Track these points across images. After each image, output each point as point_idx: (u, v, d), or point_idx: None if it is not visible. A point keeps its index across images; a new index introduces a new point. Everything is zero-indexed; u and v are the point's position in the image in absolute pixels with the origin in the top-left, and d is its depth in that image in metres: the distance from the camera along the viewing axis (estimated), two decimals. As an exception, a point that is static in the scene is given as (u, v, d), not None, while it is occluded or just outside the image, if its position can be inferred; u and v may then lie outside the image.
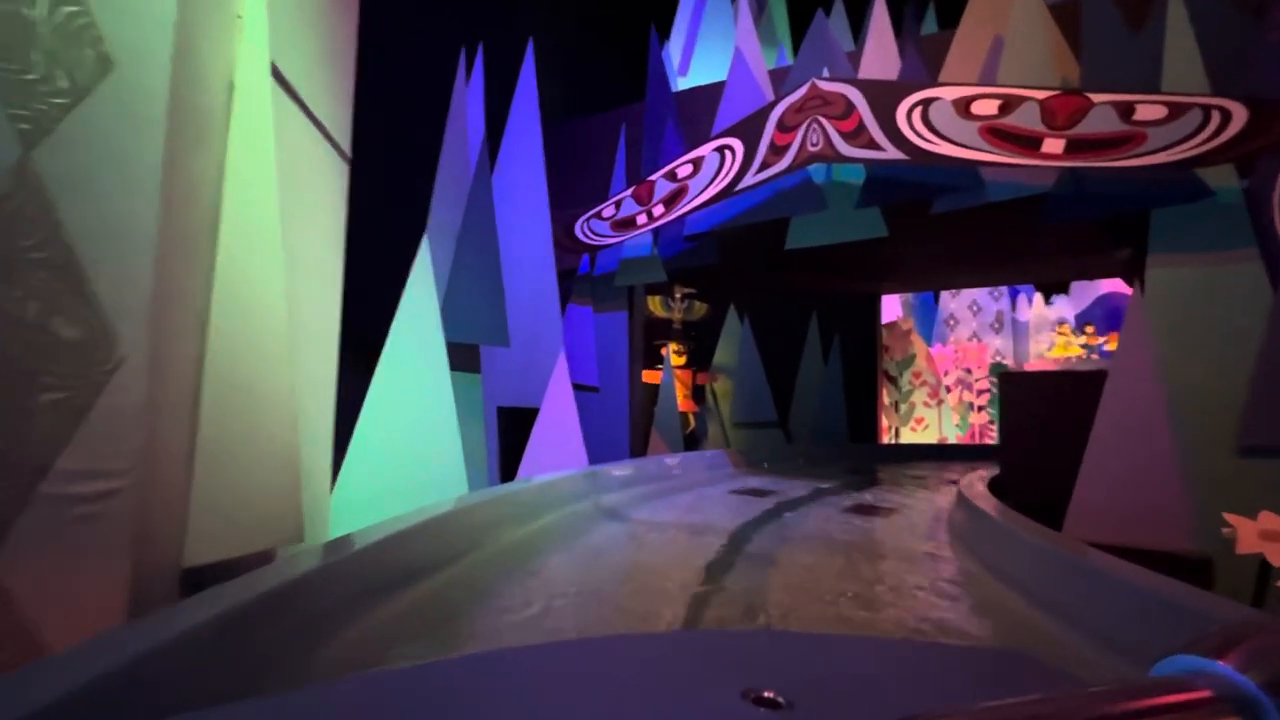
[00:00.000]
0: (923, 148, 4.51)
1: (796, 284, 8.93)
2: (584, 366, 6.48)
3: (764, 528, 3.93)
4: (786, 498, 5.15)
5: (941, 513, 4.62)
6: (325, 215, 3.40)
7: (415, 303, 3.83)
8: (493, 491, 3.62)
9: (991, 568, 2.77)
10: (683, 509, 4.50)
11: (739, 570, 2.92)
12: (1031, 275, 8.84)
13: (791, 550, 3.35)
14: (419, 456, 3.77)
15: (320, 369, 3.34)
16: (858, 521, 4.23)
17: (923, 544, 3.59)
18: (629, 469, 5.05)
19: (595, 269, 6.65)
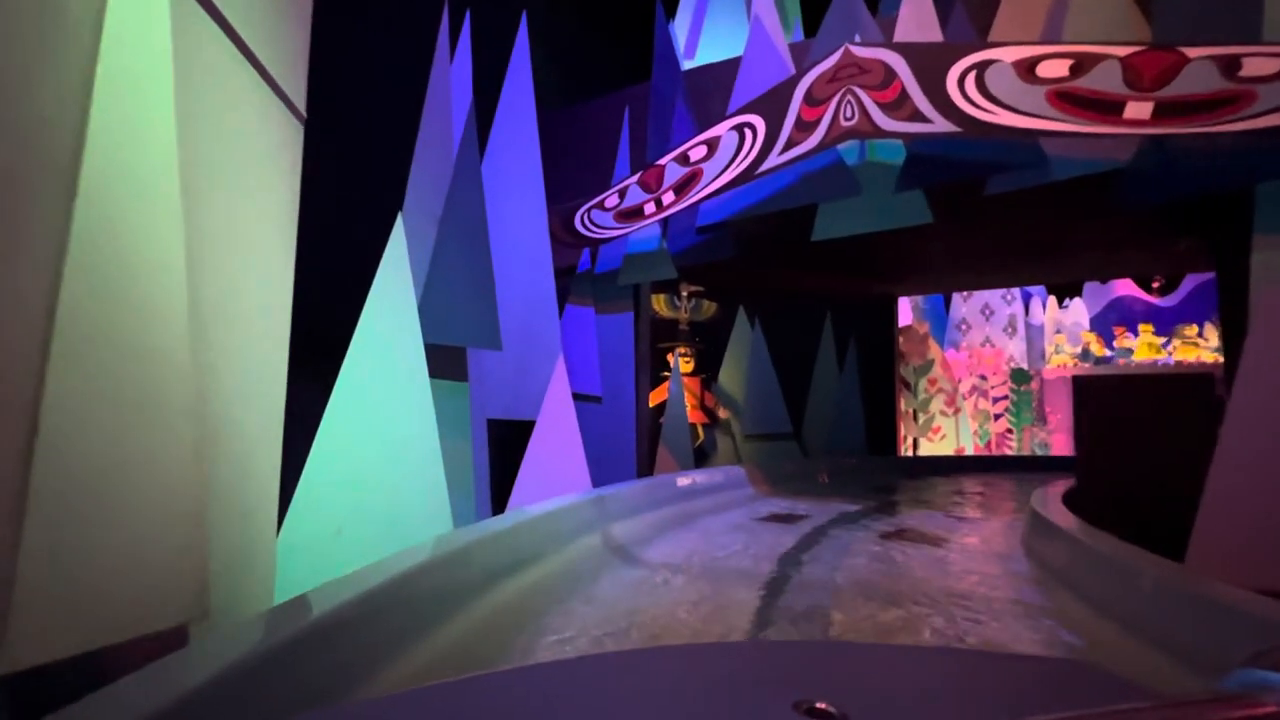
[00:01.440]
0: (979, 118, 3.90)
1: (811, 284, 8.32)
2: (585, 374, 5.82)
3: (803, 569, 3.26)
4: (817, 524, 4.50)
5: (1000, 543, 3.97)
6: (271, 183, 2.75)
7: (387, 295, 3.16)
8: (481, 530, 2.96)
9: (1133, 626, 2.13)
10: (704, 543, 3.84)
11: (787, 637, 2.26)
12: (1077, 271, 8.18)
13: (843, 602, 2.69)
14: (391, 485, 3.09)
15: (263, 377, 2.67)
16: (910, 556, 3.58)
17: (999, 587, 2.94)
18: (639, 492, 4.39)
19: (597, 266, 6.01)
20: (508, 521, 3.14)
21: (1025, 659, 1.77)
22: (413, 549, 2.65)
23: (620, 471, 5.57)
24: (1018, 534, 4.27)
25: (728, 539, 3.95)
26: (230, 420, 2.18)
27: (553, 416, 5.04)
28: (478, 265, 3.85)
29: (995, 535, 4.22)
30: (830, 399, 8.34)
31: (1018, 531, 4.35)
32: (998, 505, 5.61)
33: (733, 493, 5.57)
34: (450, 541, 2.73)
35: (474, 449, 4.19)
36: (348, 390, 3.03)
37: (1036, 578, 3.05)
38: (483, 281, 3.87)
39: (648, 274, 5.70)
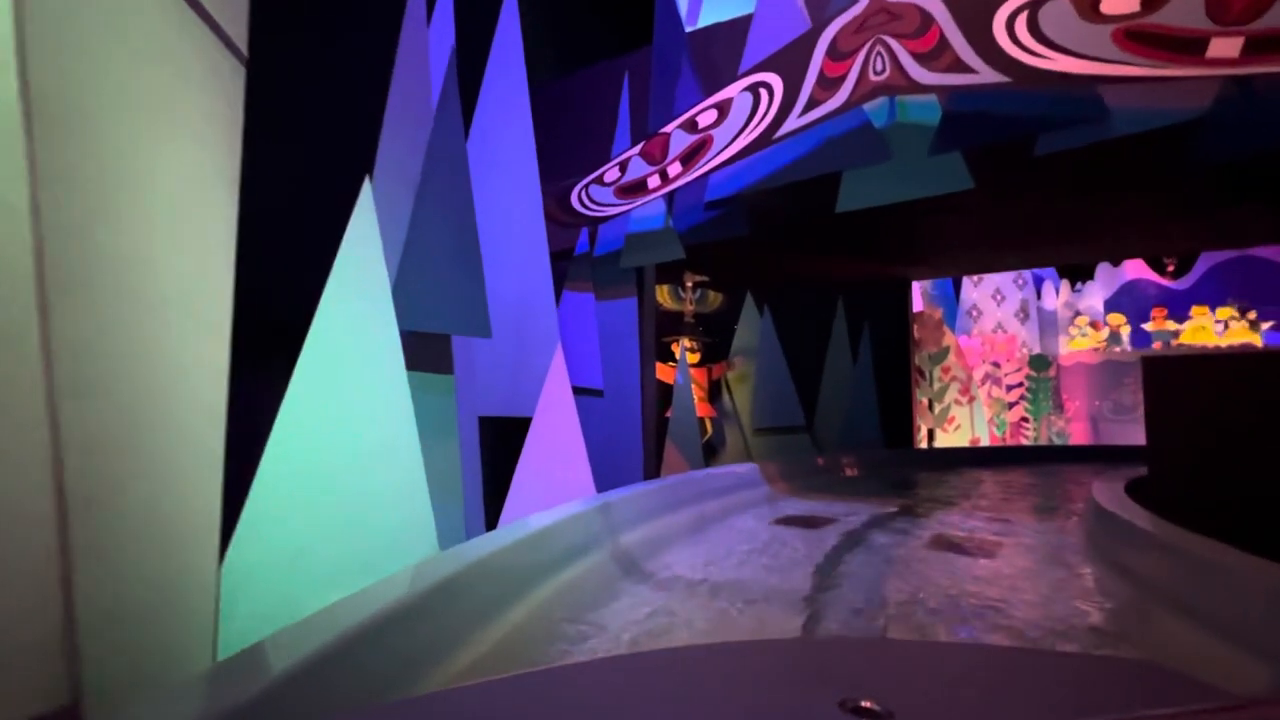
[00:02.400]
0: (1032, 65, 3.41)
1: (822, 267, 7.83)
2: (585, 365, 5.34)
3: (840, 586, 2.79)
4: (846, 529, 4.03)
5: (1053, 552, 3.51)
6: (203, 135, 2.25)
7: (354, 273, 2.67)
8: (472, 554, 2.48)
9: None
10: (724, 554, 3.37)
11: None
12: (1107, 249, 7.58)
13: (896, 633, 2.23)
14: (363, 497, 2.61)
15: (195, 370, 2.18)
16: (965, 570, 3.11)
17: (1070, 605, 2.47)
18: (649, 496, 3.92)
19: (596, 247, 5.51)
20: (503, 540, 2.66)
21: (1087, 658, 1.69)
22: (390, 581, 2.18)
23: (626, 471, 5.09)
24: (1074, 535, 3.82)
25: (750, 549, 3.49)
26: (139, 424, 1.69)
27: (551, 413, 4.56)
28: (462, 241, 3.36)
29: (1050, 538, 3.77)
30: (844, 389, 7.88)
31: (1073, 532, 3.91)
32: (1038, 502, 5.16)
33: (748, 493, 5.10)
34: (434, 570, 2.26)
35: (463, 451, 3.71)
36: (307, 386, 2.54)
37: (1126, 595, 2.59)
38: (468, 260, 3.37)
39: (652, 255, 5.21)
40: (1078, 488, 5.87)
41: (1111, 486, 3.81)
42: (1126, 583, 2.68)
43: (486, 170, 4.92)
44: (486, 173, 4.93)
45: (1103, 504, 3.23)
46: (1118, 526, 3.00)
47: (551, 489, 4.46)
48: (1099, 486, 3.70)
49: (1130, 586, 2.62)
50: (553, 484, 4.49)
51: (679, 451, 5.84)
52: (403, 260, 3.10)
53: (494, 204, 4.92)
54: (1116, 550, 2.96)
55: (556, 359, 4.64)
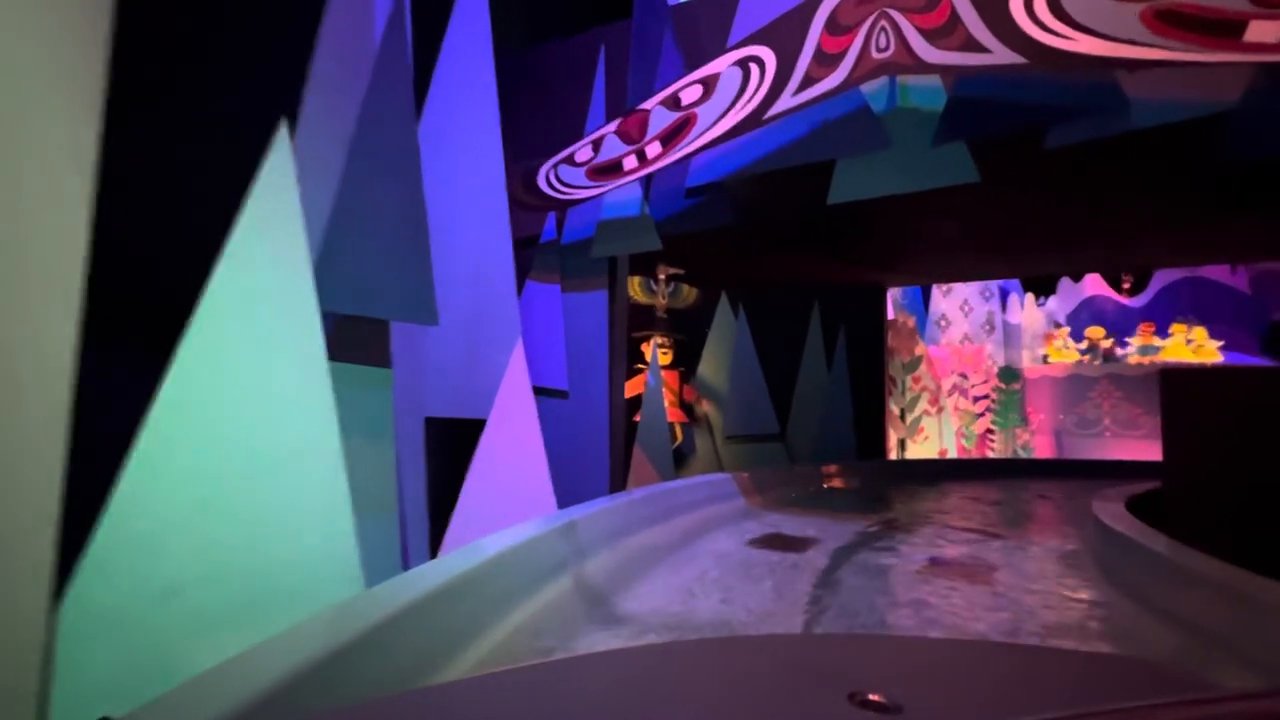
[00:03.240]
0: (1052, 46, 3.10)
1: (799, 268, 7.52)
2: (547, 363, 4.85)
3: (837, 622, 2.40)
4: (830, 550, 3.66)
5: (1063, 569, 3.20)
6: (45, 55, 1.73)
7: (261, 240, 2.14)
8: (405, 590, 1.98)
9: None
10: (703, 586, 2.93)
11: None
12: (1089, 260, 7.39)
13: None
14: (262, 520, 2.08)
15: (34, 351, 1.66)
16: (966, 602, 2.75)
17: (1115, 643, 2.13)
18: (616, 512, 3.46)
19: (564, 234, 5.03)
20: (445, 574, 2.16)
21: (1088, 654, 1.71)
22: (292, 633, 1.67)
23: (591, 481, 4.63)
24: (1072, 553, 3.53)
25: (728, 577, 3.07)
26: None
27: (508, 415, 4.06)
28: (406, 214, 2.85)
29: (1049, 559, 3.47)
30: (818, 397, 7.57)
31: (1071, 551, 3.62)
32: (1027, 517, 4.90)
33: (721, 507, 4.69)
34: (351, 618, 1.75)
35: (400, 458, 3.18)
36: (191, 377, 2.00)
37: (1147, 618, 2.26)
38: (413, 236, 2.86)
39: (626, 245, 4.76)
40: (1067, 501, 5.67)
41: (1114, 508, 3.52)
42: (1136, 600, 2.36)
43: (442, 143, 4.40)
44: (442, 145, 4.42)
45: (1112, 524, 2.93)
46: (1141, 555, 2.68)
47: (506, 503, 3.96)
48: (1103, 508, 3.42)
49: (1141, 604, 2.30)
50: (508, 497, 3.99)
51: (648, 460, 5.40)
52: (329, 230, 2.57)
53: (450, 180, 4.40)
54: (1141, 582, 2.64)
55: (516, 355, 4.15)
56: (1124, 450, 10.31)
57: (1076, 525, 4.33)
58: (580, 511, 3.34)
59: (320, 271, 2.40)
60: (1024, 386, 11.42)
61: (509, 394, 4.08)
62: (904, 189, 3.90)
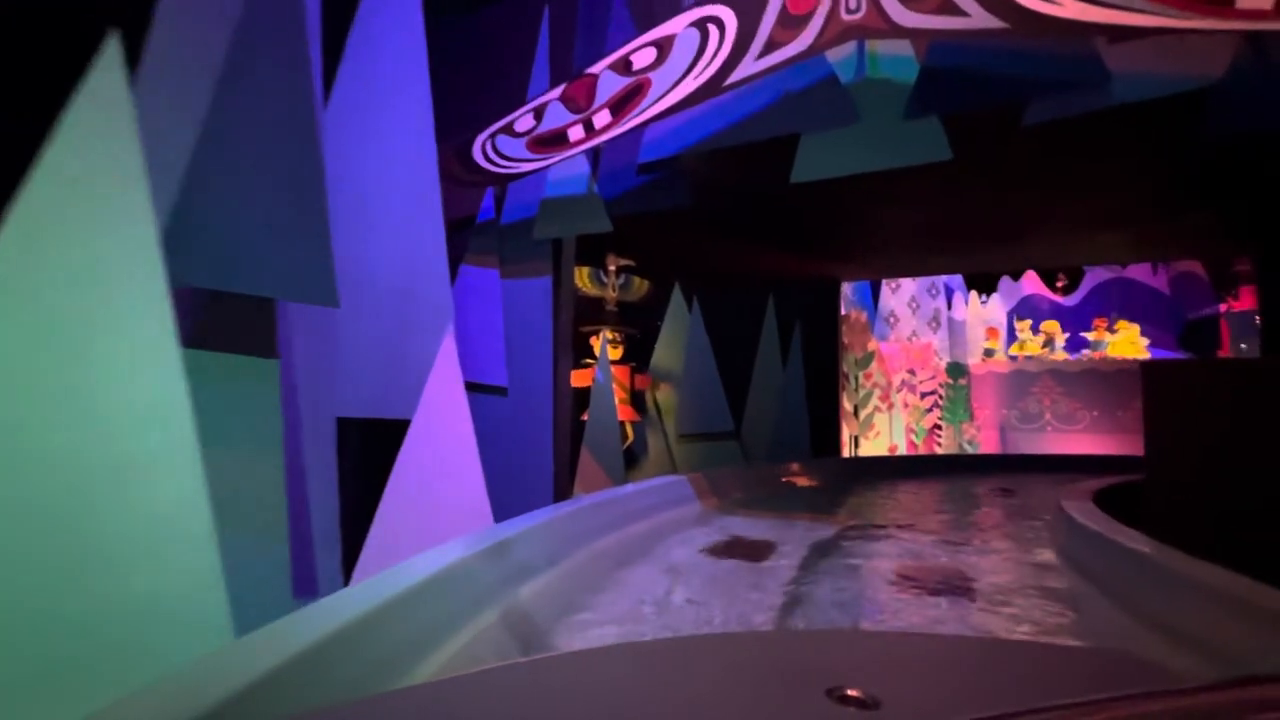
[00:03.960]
0: (1036, 10, 2.86)
1: (754, 259, 7.24)
2: (485, 356, 4.37)
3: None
4: (793, 559, 3.34)
5: (1034, 570, 2.97)
6: None
7: (76, 184, 1.62)
8: (292, 636, 1.50)
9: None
10: (656, 608, 2.55)
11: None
12: (1046, 255, 7.33)
13: None
14: (79, 551, 1.57)
15: None
16: (950, 615, 2.47)
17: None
18: (560, 525, 3.03)
19: (504, 213, 4.55)
20: (342, 613, 1.68)
21: (1064, 648, 1.72)
22: (122, 705, 1.18)
23: (533, 488, 4.17)
24: (1044, 556, 3.32)
25: (688, 597, 2.69)
26: None
27: (436, 415, 3.58)
28: (297, 169, 2.33)
29: (1017, 559, 3.26)
30: (773, 393, 7.32)
31: (1041, 553, 3.42)
32: (994, 516, 4.74)
33: (676, 512, 4.33)
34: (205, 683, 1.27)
35: (303, 467, 2.67)
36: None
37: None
38: (305, 196, 2.35)
39: (572, 225, 4.32)
40: (1029, 497, 5.57)
41: (1086, 507, 3.33)
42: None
43: (363, 109, 3.87)
44: (363, 112, 3.89)
45: (1086, 522, 2.72)
46: (1107, 547, 2.46)
47: (434, 517, 3.48)
48: (1077, 505, 3.23)
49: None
50: (437, 510, 3.51)
51: (597, 462, 4.99)
52: (187, 186, 2.04)
53: (373, 152, 3.88)
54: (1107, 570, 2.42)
55: (446, 346, 3.66)
56: (1064, 444, 10.55)
57: (1046, 525, 4.17)
58: (519, 525, 2.89)
59: (173, 237, 1.88)
60: (970, 382, 11.57)
61: (437, 390, 3.59)
62: (873, 166, 3.62)
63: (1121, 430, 10.63)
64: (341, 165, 3.83)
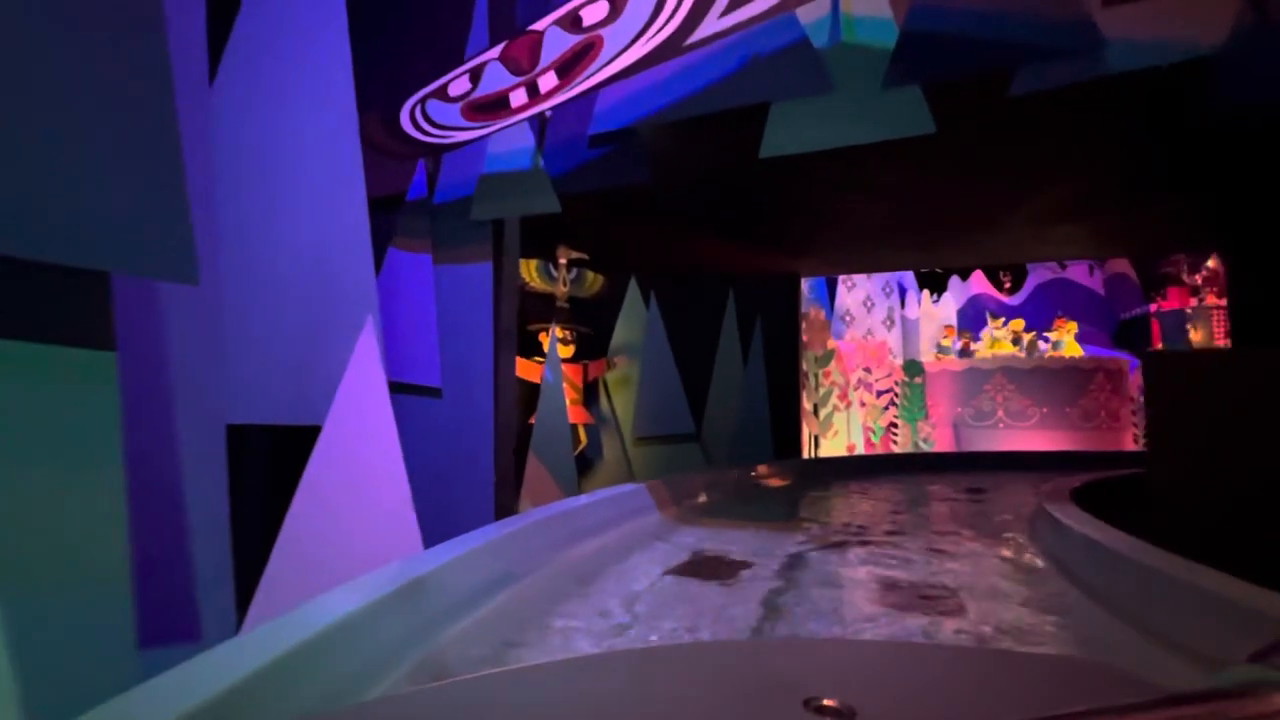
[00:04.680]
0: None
1: (713, 253, 6.90)
2: (415, 353, 3.85)
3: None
4: (765, 575, 2.98)
5: (1024, 580, 2.69)
6: None
7: None
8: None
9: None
10: (611, 646, 2.11)
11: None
12: (1008, 250, 7.16)
13: None
14: None
15: None
16: (939, 637, 2.12)
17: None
18: (496, 550, 2.56)
19: (437, 191, 4.03)
20: (198, 690, 1.18)
21: (1043, 658, 1.71)
22: None
23: (470, 504, 3.68)
24: (1033, 564, 3.06)
25: (648, 628, 2.27)
26: None
27: (352, 420, 3.06)
28: (140, 109, 1.80)
29: (1001, 566, 2.98)
30: (734, 392, 6.99)
31: (1025, 560, 3.16)
32: (973, 521, 4.49)
33: (633, 524, 3.90)
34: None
35: (144, 491, 2.10)
36: None
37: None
38: (153, 145, 1.81)
39: (515, 204, 3.85)
40: (1002, 497, 5.39)
41: (1070, 509, 3.08)
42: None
43: (265, 65, 3.33)
44: (266, 69, 3.35)
45: (1071, 523, 2.45)
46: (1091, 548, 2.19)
47: (348, 542, 2.96)
48: (1065, 509, 2.97)
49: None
50: (352, 533, 2.99)
51: (546, 471, 4.51)
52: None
53: (278, 116, 3.34)
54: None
55: (365, 340, 3.15)
56: (1016, 441, 10.63)
57: (1026, 529, 3.94)
58: (450, 552, 2.41)
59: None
60: (925, 380, 11.57)
61: (354, 391, 3.07)
62: (849, 140, 3.28)
63: (1069, 427, 10.81)
64: (239, 133, 3.28)
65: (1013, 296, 17.41)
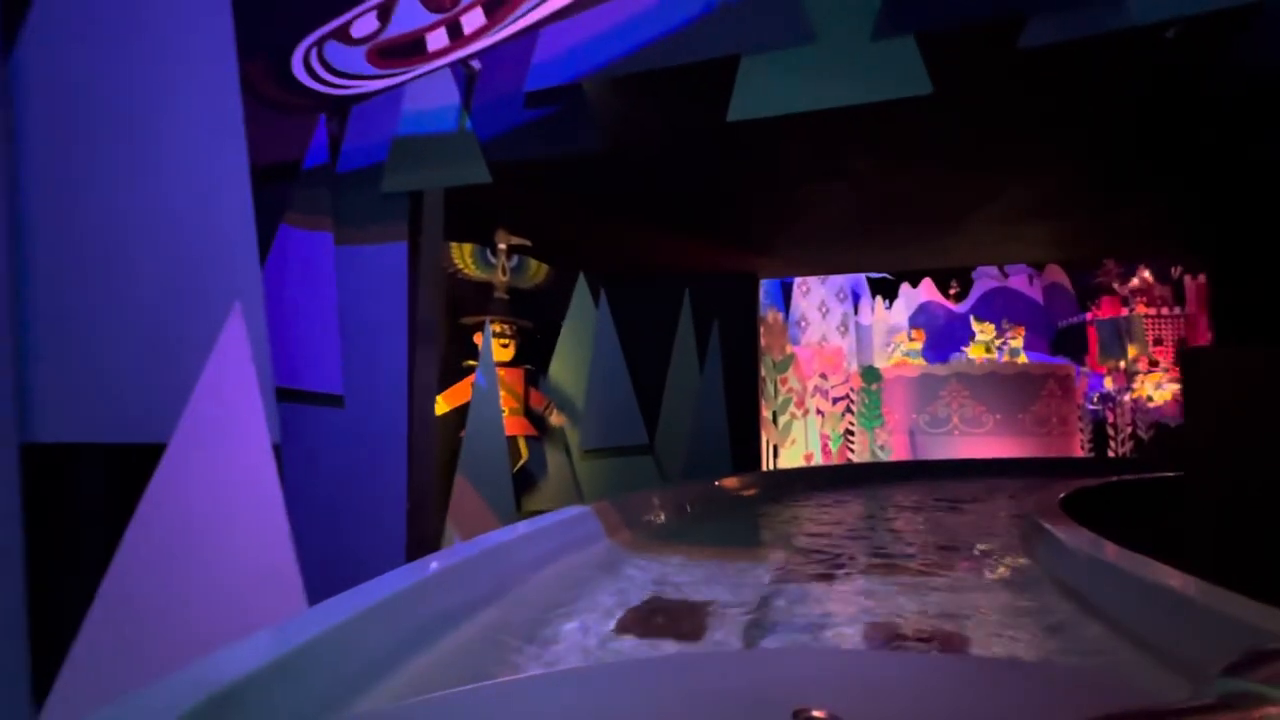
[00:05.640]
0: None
1: (668, 248, 6.38)
2: (310, 353, 3.14)
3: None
4: (736, 624, 2.41)
5: (1038, 631, 2.23)
6: None
7: None
8: None
9: None
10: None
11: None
12: (974, 251, 6.89)
13: None
14: None
15: None
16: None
17: None
18: (391, 611, 1.89)
19: (341, 158, 3.34)
20: None
21: (1034, 667, 1.70)
22: None
23: (377, 539, 2.99)
24: (1028, 596, 2.62)
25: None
26: None
27: (209, 437, 2.36)
28: None
29: (1010, 600, 2.53)
30: (690, 400, 6.48)
31: (1025, 591, 2.72)
32: (953, 537, 4.08)
33: (577, 557, 3.28)
34: None
35: None
36: None
37: None
38: None
39: (436, 174, 3.19)
40: (984, 510, 5.02)
41: (1051, 507, 2.68)
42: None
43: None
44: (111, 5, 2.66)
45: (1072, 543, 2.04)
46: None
47: (198, 603, 2.26)
48: (1068, 529, 2.56)
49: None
50: (202, 591, 2.29)
51: (478, 493, 3.85)
52: None
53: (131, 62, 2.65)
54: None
55: (231, 334, 2.46)
56: (971, 448, 10.53)
57: (1020, 548, 3.53)
58: (335, 614, 1.73)
59: None
60: (882, 387, 11.38)
61: (213, 400, 2.38)
62: (831, 101, 2.80)
63: (1023, 433, 10.78)
64: (64, 84, 2.57)
65: (960, 304, 17.74)
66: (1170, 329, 17.18)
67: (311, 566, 2.54)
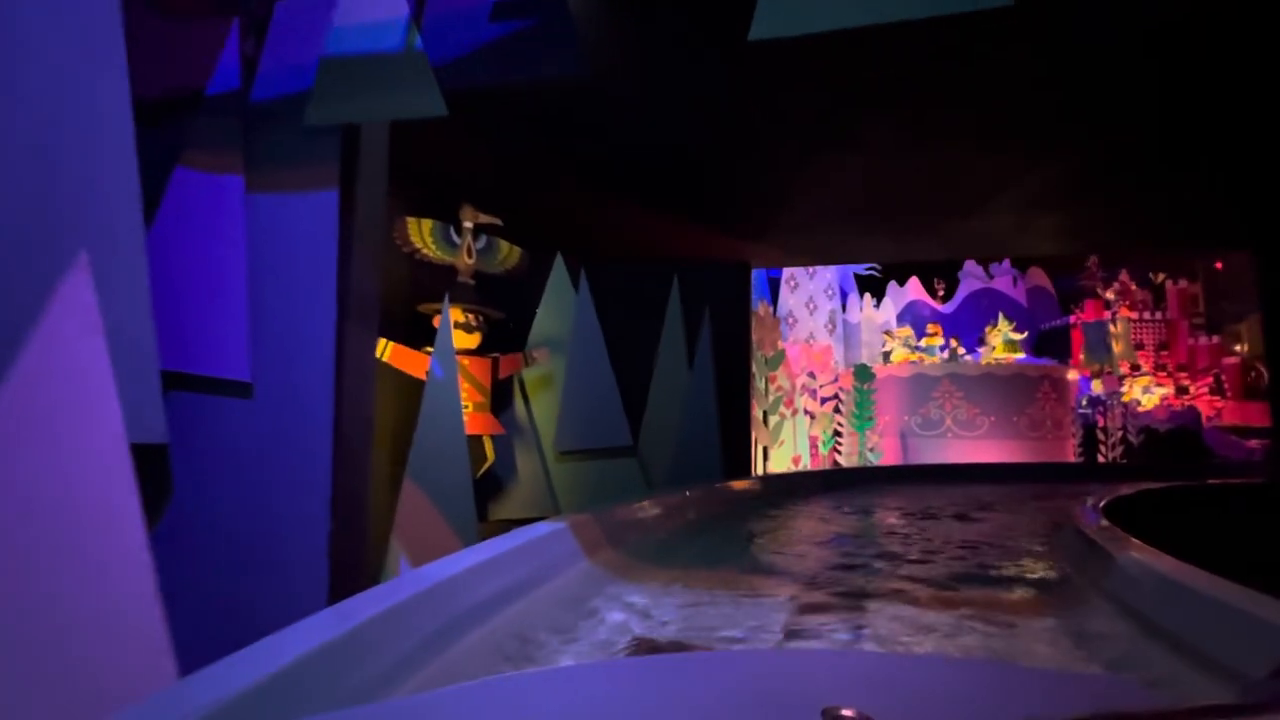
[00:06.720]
0: None
1: (656, 228, 5.78)
2: (208, 328, 2.46)
3: None
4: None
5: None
6: None
7: None
8: None
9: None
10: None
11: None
12: (980, 244, 6.34)
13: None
14: None
15: None
16: None
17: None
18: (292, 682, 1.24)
19: (256, 83, 2.66)
20: None
21: (1069, 675, 1.65)
22: None
23: (290, 570, 2.33)
24: (1109, 631, 2.08)
25: None
26: None
27: (30, 434, 1.69)
28: None
29: (1067, 640, 1.99)
30: (678, 397, 5.89)
31: (1103, 626, 2.18)
32: (981, 560, 3.54)
33: (551, 588, 2.64)
34: None
35: None
36: None
37: None
38: None
39: (376, 104, 2.54)
40: (1014, 521, 4.51)
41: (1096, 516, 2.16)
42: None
43: None
44: None
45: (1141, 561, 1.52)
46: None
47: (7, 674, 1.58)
48: (1135, 553, 2.04)
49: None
50: (15, 653, 1.61)
51: (432, 504, 3.20)
52: None
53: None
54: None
55: (68, 295, 1.79)
56: (964, 451, 10.14)
57: (1070, 581, 3.00)
58: (212, 689, 1.06)
59: None
60: (874, 387, 10.94)
61: (38, 385, 1.70)
62: (880, 17, 2.21)
63: (1017, 436, 10.42)
64: None
65: (945, 305, 17.52)
66: (1151, 333, 17.16)
67: (193, 615, 1.88)
